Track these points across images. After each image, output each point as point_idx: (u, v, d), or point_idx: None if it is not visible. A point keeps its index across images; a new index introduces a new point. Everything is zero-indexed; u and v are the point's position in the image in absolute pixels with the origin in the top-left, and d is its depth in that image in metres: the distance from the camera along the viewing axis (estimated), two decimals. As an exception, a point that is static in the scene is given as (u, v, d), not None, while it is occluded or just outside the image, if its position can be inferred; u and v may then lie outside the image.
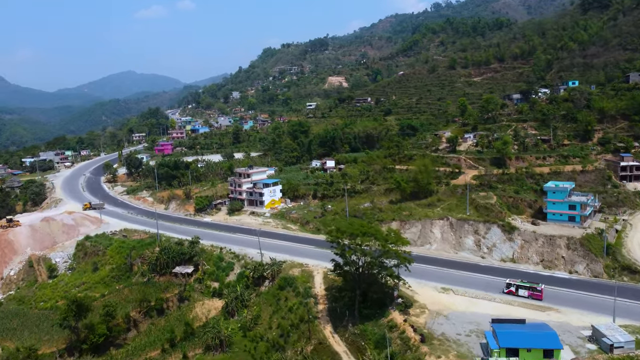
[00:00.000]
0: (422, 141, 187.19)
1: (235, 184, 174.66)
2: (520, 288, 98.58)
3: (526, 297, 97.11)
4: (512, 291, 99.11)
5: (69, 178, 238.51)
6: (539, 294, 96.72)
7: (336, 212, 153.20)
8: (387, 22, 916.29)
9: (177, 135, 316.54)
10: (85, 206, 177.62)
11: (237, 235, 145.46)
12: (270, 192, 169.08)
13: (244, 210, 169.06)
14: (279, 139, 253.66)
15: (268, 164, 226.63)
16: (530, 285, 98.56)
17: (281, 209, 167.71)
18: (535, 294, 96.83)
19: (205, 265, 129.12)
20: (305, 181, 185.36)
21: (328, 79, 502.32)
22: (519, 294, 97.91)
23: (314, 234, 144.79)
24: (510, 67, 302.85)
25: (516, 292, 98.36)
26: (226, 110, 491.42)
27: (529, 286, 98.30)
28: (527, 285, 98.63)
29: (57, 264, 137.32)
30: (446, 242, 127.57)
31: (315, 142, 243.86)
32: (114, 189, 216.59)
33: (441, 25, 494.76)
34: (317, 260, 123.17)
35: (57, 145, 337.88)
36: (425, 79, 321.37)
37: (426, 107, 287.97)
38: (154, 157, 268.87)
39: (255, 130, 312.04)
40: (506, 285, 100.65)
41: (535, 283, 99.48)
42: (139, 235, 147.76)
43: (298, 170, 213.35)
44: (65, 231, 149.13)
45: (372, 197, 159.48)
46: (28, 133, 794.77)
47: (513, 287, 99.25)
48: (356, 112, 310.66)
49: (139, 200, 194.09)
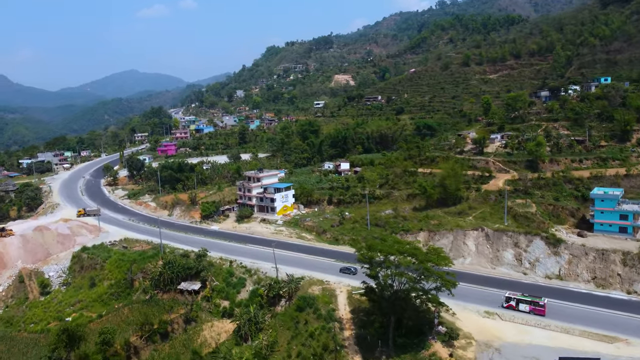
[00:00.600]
0: (444, 142, 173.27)
1: (244, 189, 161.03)
2: (521, 302, 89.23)
3: (527, 312, 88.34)
4: (512, 305, 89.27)
5: (67, 181, 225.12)
6: (541, 309, 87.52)
7: (355, 220, 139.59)
8: (392, 20, 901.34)
9: (181, 136, 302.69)
10: (79, 212, 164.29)
11: (247, 246, 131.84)
12: (282, 197, 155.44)
13: (254, 217, 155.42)
14: (287, 140, 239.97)
15: (277, 165, 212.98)
16: (532, 299, 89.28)
17: (294, 215, 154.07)
18: (537, 309, 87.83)
19: (214, 281, 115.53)
20: (318, 185, 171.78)
21: (334, 77, 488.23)
22: (519, 309, 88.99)
23: (332, 244, 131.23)
24: (527, 64, 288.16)
25: (516, 306, 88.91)
26: (230, 109, 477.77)
27: (530, 300, 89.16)
28: (528, 299, 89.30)
29: (51, 278, 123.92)
30: (482, 256, 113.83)
31: (327, 142, 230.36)
32: (114, 193, 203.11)
33: (450, 22, 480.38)
34: (339, 276, 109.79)
35: (56, 146, 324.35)
36: (438, 77, 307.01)
37: (440, 105, 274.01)
38: (156, 158, 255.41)
39: (262, 129, 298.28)
40: (505, 299, 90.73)
41: (538, 297, 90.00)
42: (140, 245, 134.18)
43: (309, 173, 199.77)
44: (60, 241, 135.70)
45: (394, 203, 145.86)
46: (30, 132, 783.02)
47: (513, 301, 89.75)
48: (366, 111, 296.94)
49: (141, 205, 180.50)
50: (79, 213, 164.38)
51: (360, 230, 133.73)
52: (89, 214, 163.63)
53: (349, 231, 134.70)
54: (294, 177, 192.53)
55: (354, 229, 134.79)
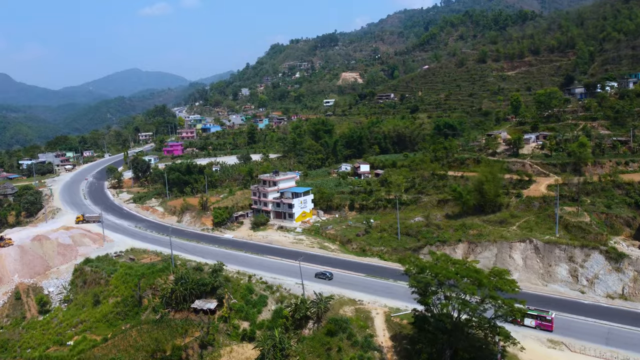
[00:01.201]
0: (473, 142, 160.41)
1: (259, 194, 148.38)
2: (527, 316, 78.94)
3: (533, 327, 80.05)
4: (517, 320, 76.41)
5: (69, 183, 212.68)
6: (548, 324, 79.14)
7: (382, 229, 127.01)
8: (396, 18, 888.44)
9: (187, 135, 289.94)
10: (77, 219, 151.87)
11: (266, 257, 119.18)
12: (300, 203, 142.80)
13: (270, 225, 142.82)
14: (299, 140, 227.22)
15: (290, 167, 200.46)
16: (538, 313, 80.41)
17: (314, 222, 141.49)
18: (544, 324, 79.60)
19: (232, 299, 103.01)
20: (338, 189, 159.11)
21: (341, 74, 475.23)
22: (524, 324, 79.58)
23: (359, 255, 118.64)
24: (547, 60, 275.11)
25: (521, 321, 77.54)
26: (236, 107, 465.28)
27: (536, 314, 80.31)
28: (534, 314, 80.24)
29: (51, 295, 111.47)
30: (531, 271, 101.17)
31: (341, 142, 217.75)
32: (118, 197, 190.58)
33: (460, 19, 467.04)
34: (372, 294, 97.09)
35: (58, 146, 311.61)
36: (453, 74, 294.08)
37: (457, 103, 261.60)
38: (162, 159, 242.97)
39: (271, 129, 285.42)
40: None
41: (545, 311, 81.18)
42: (149, 257, 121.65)
43: (325, 175, 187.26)
44: (61, 252, 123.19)
45: (423, 209, 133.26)
46: (32, 131, 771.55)
47: None
48: (379, 110, 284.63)
49: (148, 210, 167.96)
50: (77, 219, 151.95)
51: (389, 240, 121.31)
52: (89, 221, 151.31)
53: (376, 241, 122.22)
54: (309, 179, 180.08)
55: (382, 239, 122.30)
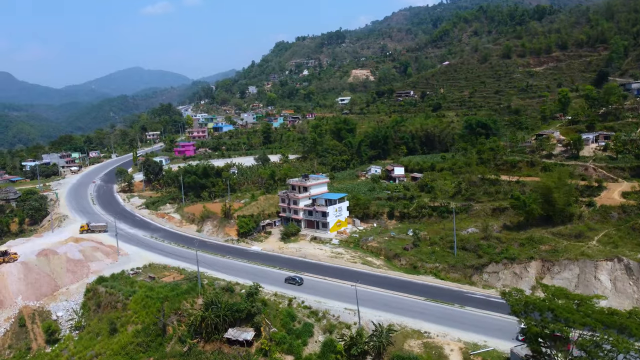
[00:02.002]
0: (524, 143, 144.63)
1: (288, 200, 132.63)
2: None
3: None
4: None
5: (76, 186, 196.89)
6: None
7: (433, 242, 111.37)
8: (401, 15, 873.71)
9: (199, 135, 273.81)
10: (81, 228, 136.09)
11: (305, 275, 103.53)
12: (335, 211, 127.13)
13: (302, 235, 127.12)
14: (320, 139, 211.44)
15: (313, 169, 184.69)
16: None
17: (351, 233, 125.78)
18: None
19: (271, 328, 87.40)
20: (372, 194, 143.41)
21: (352, 72, 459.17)
22: None
23: (410, 273, 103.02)
24: (576, 55, 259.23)
25: None
26: (243, 106, 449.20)
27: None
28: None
29: (60, 320, 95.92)
30: (623, 296, 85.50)
31: (366, 142, 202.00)
32: (129, 202, 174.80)
33: (473, 14, 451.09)
34: (439, 324, 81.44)
35: (62, 146, 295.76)
36: (475, 70, 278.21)
37: (482, 100, 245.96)
38: (173, 160, 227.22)
39: (286, 128, 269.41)
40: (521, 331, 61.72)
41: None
42: (170, 275, 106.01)
43: (352, 178, 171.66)
44: (70, 269, 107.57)
45: (475, 219, 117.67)
46: (35, 130, 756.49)
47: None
48: (399, 108, 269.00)
49: (163, 217, 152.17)
50: (81, 229, 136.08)
51: (443, 255, 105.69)
52: (94, 230, 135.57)
53: (428, 256, 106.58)
54: (336, 183, 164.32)
55: (435, 254, 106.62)
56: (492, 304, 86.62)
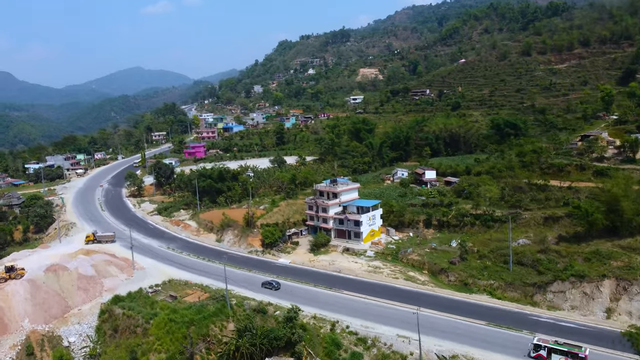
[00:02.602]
0: (570, 145, 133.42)
1: (316, 208, 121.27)
2: (553, 352, 65.23)
3: None
4: (543, 356, 65.75)
5: (82, 190, 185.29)
6: None
7: (482, 254, 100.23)
8: (404, 14, 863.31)
9: (208, 135, 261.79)
10: (87, 238, 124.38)
11: (345, 294, 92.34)
12: (369, 219, 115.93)
13: (333, 246, 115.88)
14: (338, 140, 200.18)
15: (334, 172, 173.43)
16: (568, 349, 65.34)
17: (386, 244, 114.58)
18: None
19: (315, 357, 76.27)
20: (404, 201, 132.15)
21: (359, 70, 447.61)
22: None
23: (461, 291, 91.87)
24: (599, 52, 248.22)
25: (548, 357, 65.32)
26: (249, 105, 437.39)
27: (567, 350, 65.25)
28: (564, 349, 65.27)
29: (72, 347, 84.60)
30: None
31: (387, 144, 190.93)
32: (140, 207, 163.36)
33: (484, 11, 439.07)
34: (508, 354, 70.25)
35: (66, 147, 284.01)
36: (494, 67, 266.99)
37: (503, 99, 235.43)
38: (184, 162, 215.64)
39: (298, 128, 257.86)
40: (533, 348, 66.91)
41: (577, 346, 66.22)
42: (194, 293, 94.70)
43: (377, 182, 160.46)
44: (82, 287, 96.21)
45: (525, 229, 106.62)
46: (36, 130, 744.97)
47: (543, 350, 66.12)
48: (415, 107, 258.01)
49: (179, 225, 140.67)
50: (87, 239, 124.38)
51: (497, 270, 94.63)
52: (100, 241, 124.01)
53: (479, 272, 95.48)
54: (362, 187, 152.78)
55: (487, 269, 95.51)
56: (564, 330, 75.72)
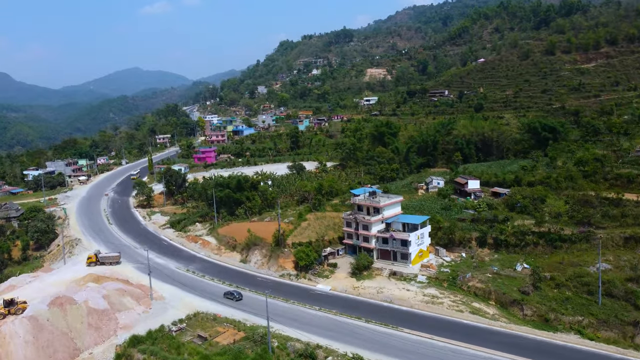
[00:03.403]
0: (636, 152, 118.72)
1: (356, 224, 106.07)
2: None
3: None
4: None
5: (86, 200, 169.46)
6: None
7: (559, 282, 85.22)
8: (405, 14, 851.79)
9: (218, 139, 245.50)
10: (89, 260, 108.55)
11: (407, 333, 77.14)
12: (417, 238, 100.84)
13: (377, 269, 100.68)
14: (360, 144, 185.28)
15: (361, 181, 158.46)
16: None
17: (438, 266, 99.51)
18: None
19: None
20: (449, 215, 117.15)
21: (367, 71, 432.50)
22: None
23: (543, 329, 76.99)
24: (628, 51, 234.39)
25: None
26: (254, 106, 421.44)
27: None
28: None
29: (83, 404, 68.91)
30: None
31: (414, 148, 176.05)
32: (150, 219, 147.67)
33: (494, 10, 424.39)
34: None
35: (66, 151, 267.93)
36: (517, 67, 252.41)
37: (529, 101, 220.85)
38: (193, 168, 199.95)
39: (312, 131, 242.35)
40: None
41: None
42: (225, 331, 79.21)
43: (410, 192, 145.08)
44: (93, 324, 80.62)
45: (604, 251, 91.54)
46: (34, 132, 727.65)
47: None
48: (434, 108, 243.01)
49: (196, 242, 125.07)
50: (89, 260, 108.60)
51: (582, 303, 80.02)
52: (104, 262, 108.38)
53: (560, 304, 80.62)
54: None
55: (569, 302, 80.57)
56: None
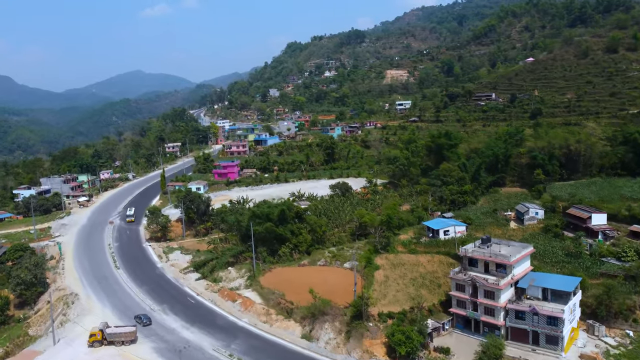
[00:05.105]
0: None
1: (472, 289, 72.45)
2: None
3: None
4: None
5: (87, 230, 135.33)
6: None
7: None
8: (413, 15, 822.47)
9: (238, 150, 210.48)
10: (92, 338, 74.74)
11: None
12: (570, 312, 67.27)
13: (510, 359, 67.02)
14: (414, 159, 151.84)
15: (429, 207, 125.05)
16: None
17: (604, 354, 65.86)
18: None
19: None
20: (582, 265, 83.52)
21: (387, 72, 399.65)
22: None
23: None
24: None
25: None
26: (267, 110, 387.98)
27: None
28: None
29: None
30: None
31: (485, 164, 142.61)
32: (168, 259, 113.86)
33: (523, 8, 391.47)
34: None
35: (66, 161, 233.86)
36: (574, 67, 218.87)
37: (596, 105, 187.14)
38: (213, 186, 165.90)
39: (345, 140, 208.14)
40: None
41: None
42: None
43: (499, 224, 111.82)
44: None
45: None
46: (35, 136, 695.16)
47: None
48: (483, 114, 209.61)
49: (234, 301, 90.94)
50: (92, 339, 74.76)
51: None
52: (113, 341, 74.69)
53: None
54: (478, 232, 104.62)
55: None
56: None
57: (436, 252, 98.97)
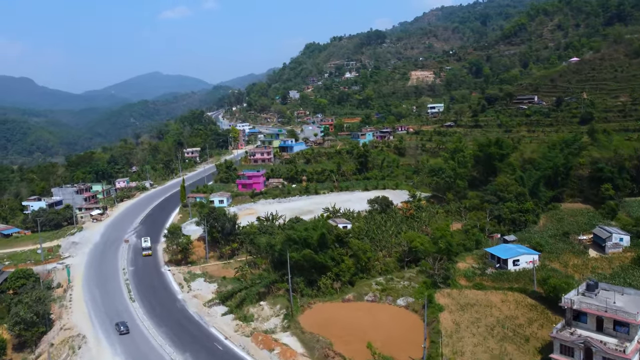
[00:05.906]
0: None
1: (581, 350, 55.30)
2: None
3: None
4: None
5: (100, 250, 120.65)
6: None
7: None
8: (433, 15, 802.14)
9: (262, 157, 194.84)
10: None
11: None
12: None
13: None
14: (462, 170, 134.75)
15: (486, 229, 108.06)
16: None
17: None
18: None
19: None
20: None
21: (411, 73, 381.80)
22: None
23: None
24: None
25: None
26: (287, 113, 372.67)
27: None
28: None
29: None
30: None
31: (544, 178, 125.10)
32: (190, 289, 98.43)
33: (555, 6, 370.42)
34: None
35: (80, 167, 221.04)
36: (627, 67, 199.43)
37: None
38: (236, 198, 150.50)
39: (378, 147, 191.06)
40: None
41: None
42: None
43: (575, 251, 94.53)
44: None
45: None
46: (54, 137, 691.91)
47: None
48: (526, 119, 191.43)
49: (271, 350, 74.83)
50: None
51: None
52: None
53: None
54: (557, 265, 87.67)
55: None
56: None
57: (508, 287, 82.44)
